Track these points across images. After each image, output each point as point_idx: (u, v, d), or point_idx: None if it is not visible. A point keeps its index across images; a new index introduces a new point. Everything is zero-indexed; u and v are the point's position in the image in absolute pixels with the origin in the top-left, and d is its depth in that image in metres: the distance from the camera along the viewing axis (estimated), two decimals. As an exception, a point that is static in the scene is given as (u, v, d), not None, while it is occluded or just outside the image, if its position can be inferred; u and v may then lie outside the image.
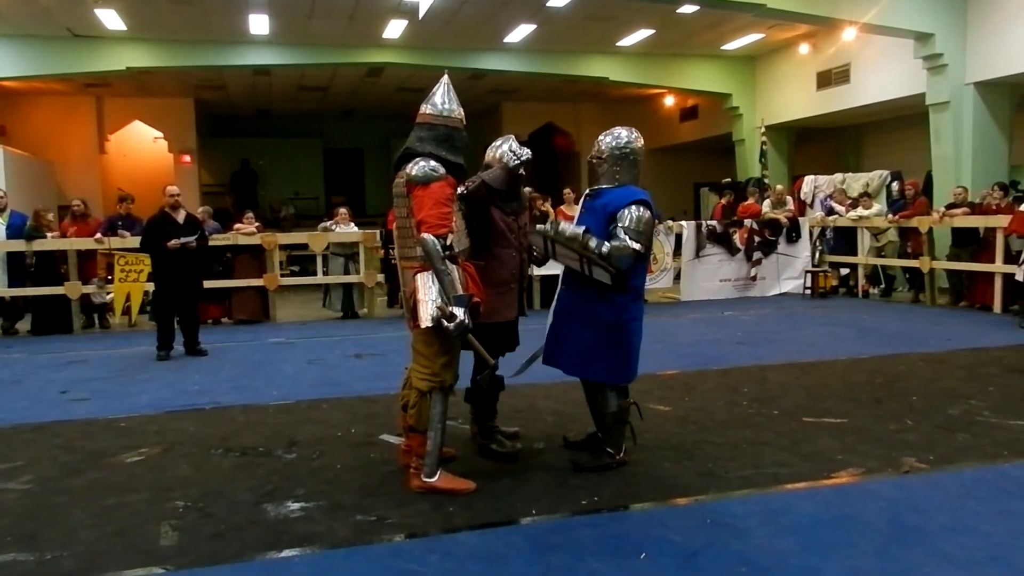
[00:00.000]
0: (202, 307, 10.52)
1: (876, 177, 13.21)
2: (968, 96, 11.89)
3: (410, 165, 3.84)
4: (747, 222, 12.52)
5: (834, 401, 5.61)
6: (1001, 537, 3.27)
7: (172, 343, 7.96)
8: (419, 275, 3.83)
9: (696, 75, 16.67)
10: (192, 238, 7.92)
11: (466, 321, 3.70)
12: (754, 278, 12.45)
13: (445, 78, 4.12)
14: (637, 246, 4.01)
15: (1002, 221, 9.86)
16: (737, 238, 12.37)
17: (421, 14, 12.21)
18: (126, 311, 10.24)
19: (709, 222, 12.82)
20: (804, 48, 15.14)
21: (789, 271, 12.64)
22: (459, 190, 4.11)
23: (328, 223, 11.33)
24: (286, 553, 3.27)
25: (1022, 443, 4.55)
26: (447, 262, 3.73)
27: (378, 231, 11.11)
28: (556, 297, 4.40)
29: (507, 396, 4.79)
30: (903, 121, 14.90)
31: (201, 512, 3.74)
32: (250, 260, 10.65)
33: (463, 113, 4.08)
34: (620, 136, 4.30)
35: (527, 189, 5.30)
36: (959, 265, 10.71)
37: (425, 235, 3.69)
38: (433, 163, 3.82)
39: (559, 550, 3.25)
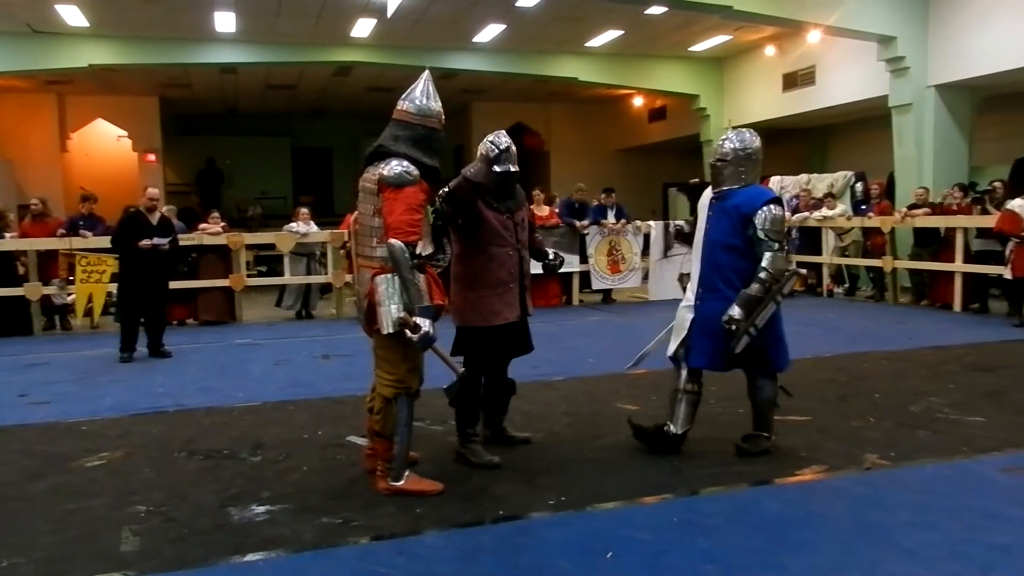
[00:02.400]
0: (167, 308, 10.40)
1: (840, 178, 13.41)
2: (929, 98, 12.10)
3: (383, 164, 3.74)
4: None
5: (799, 399, 5.63)
6: (960, 532, 3.33)
7: (135, 345, 7.84)
8: (378, 277, 3.74)
9: (664, 76, 16.80)
10: (165, 240, 7.86)
11: (431, 333, 3.64)
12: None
13: (426, 74, 4.03)
14: (776, 247, 4.20)
15: (962, 221, 10.05)
16: (705, 238, 12.44)
17: (389, 13, 12.16)
18: (88, 312, 10.06)
19: (677, 222, 12.90)
20: (770, 50, 15.31)
21: (756, 270, 12.73)
22: (442, 191, 4.08)
23: (291, 224, 11.24)
24: (250, 557, 3.23)
25: (981, 439, 4.64)
26: (415, 272, 3.67)
27: (345, 231, 11.03)
28: (695, 302, 4.40)
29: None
30: (867, 123, 15.13)
31: (164, 516, 3.68)
32: (216, 260, 10.53)
33: (443, 112, 3.98)
34: (744, 138, 4.43)
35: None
36: (921, 264, 10.90)
37: (394, 241, 3.61)
38: (408, 165, 3.72)
39: (527, 550, 3.25)
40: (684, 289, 4.61)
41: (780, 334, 4.41)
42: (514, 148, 4.34)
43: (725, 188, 4.38)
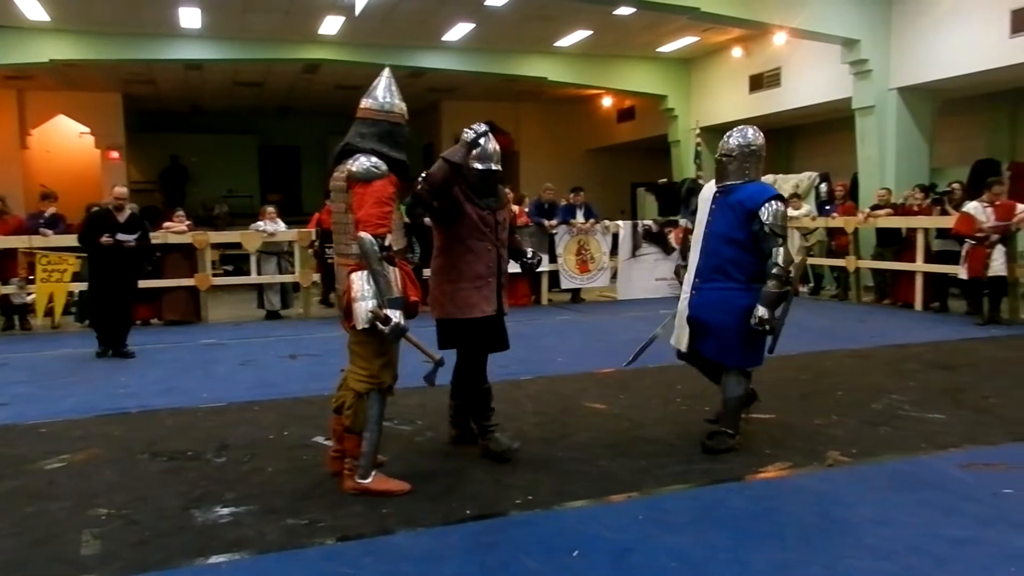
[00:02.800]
0: (132, 308, 10.24)
1: (806, 179, 13.59)
2: (892, 101, 12.31)
3: (351, 161, 3.76)
4: (682, 222, 12.72)
5: (764, 397, 5.70)
6: (920, 527, 3.40)
7: (106, 341, 7.83)
8: (354, 274, 3.77)
9: (633, 76, 16.90)
10: (131, 237, 7.84)
11: (401, 324, 3.66)
12: (689, 277, 12.64)
13: (386, 72, 4.05)
14: (781, 241, 4.36)
15: (923, 222, 10.24)
16: (672, 238, 12.56)
17: (358, 10, 12.09)
18: (49, 312, 9.87)
19: (645, 222, 12.99)
20: (737, 52, 15.47)
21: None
22: (421, 175, 4.08)
23: (258, 223, 11.13)
24: (214, 559, 3.19)
25: (940, 436, 4.73)
26: (384, 263, 3.68)
27: (313, 230, 10.94)
28: (691, 292, 4.55)
29: (435, 395, 4.78)
30: (831, 124, 15.35)
31: (125, 519, 3.62)
32: (181, 259, 10.38)
33: (405, 108, 4.00)
34: (748, 135, 4.58)
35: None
36: (883, 264, 11.10)
37: (363, 234, 3.63)
38: (375, 160, 3.74)
39: (494, 549, 3.26)
40: (681, 281, 4.77)
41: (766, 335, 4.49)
42: (496, 145, 4.34)
43: (729, 183, 4.51)
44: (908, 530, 3.37)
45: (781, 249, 4.34)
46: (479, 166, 4.24)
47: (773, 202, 4.35)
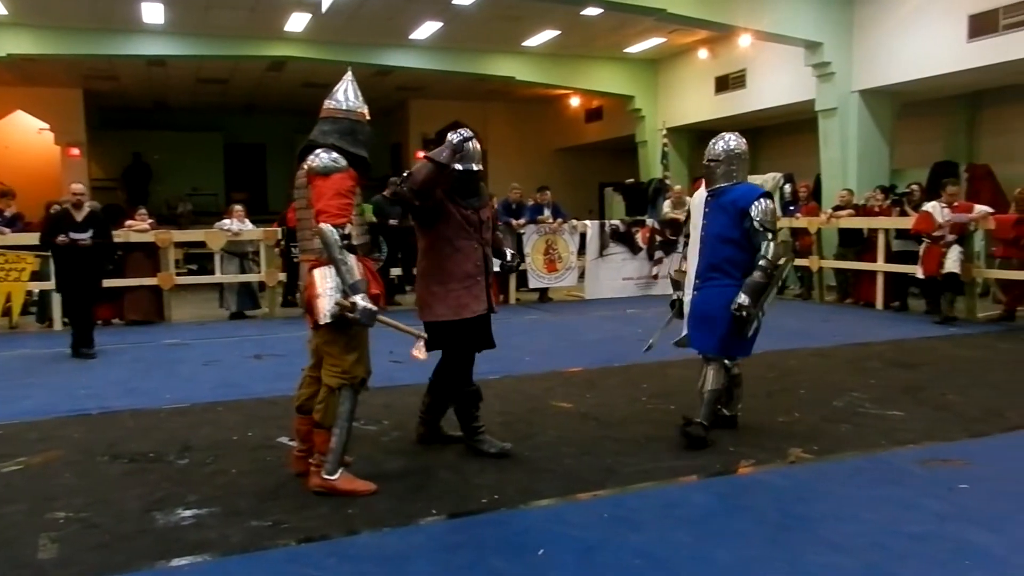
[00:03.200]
0: (94, 308, 10.05)
1: (770, 179, 13.64)
2: (854, 103, 12.51)
3: (311, 156, 3.81)
4: (649, 221, 12.81)
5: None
6: (879, 523, 3.46)
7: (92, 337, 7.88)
8: (316, 270, 3.79)
9: (600, 77, 16.98)
10: (86, 235, 7.75)
11: (369, 306, 3.64)
12: (656, 276, 12.73)
13: (348, 74, 4.12)
14: (771, 236, 4.60)
15: (884, 223, 10.42)
16: (639, 237, 12.63)
17: (324, 8, 12.01)
18: (6, 312, 9.65)
19: (612, 221, 13.06)
20: (703, 53, 15.62)
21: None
22: (402, 175, 4.09)
23: (223, 221, 10.99)
24: (176, 562, 3.15)
25: (899, 432, 4.82)
26: (345, 252, 3.67)
27: (279, 229, 10.83)
28: (693, 292, 4.76)
29: (401, 395, 4.77)
30: (795, 126, 15.56)
31: (84, 523, 3.56)
32: (143, 258, 10.21)
33: (367, 109, 4.06)
34: (731, 141, 4.83)
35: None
36: (845, 264, 11.27)
37: (322, 224, 3.65)
38: (335, 154, 3.79)
39: (460, 549, 3.25)
40: (679, 284, 5.02)
41: (758, 329, 4.73)
42: (477, 146, 4.36)
43: (719, 186, 4.74)
44: (868, 526, 3.43)
45: (771, 244, 4.57)
46: (462, 167, 4.26)
47: (762, 200, 4.59)
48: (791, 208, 12.58)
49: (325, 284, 3.74)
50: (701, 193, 4.88)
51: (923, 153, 13.83)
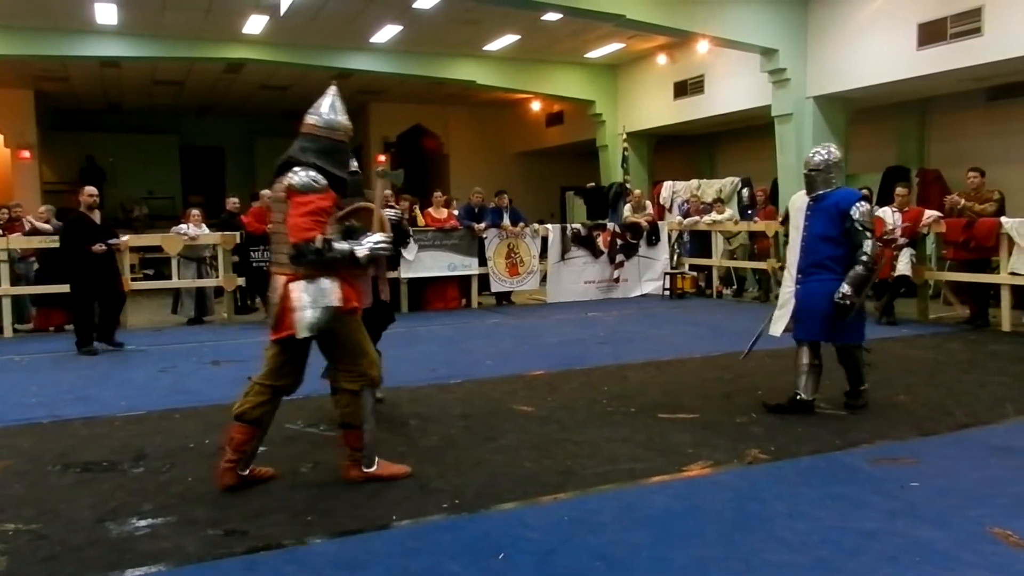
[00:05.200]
0: (45, 313, 9.89)
1: (728, 184, 13.95)
2: (808, 109, 12.74)
3: (291, 173, 3.82)
4: (610, 225, 12.91)
5: (688, 397, 5.87)
6: (832, 520, 3.52)
7: (93, 337, 8.18)
8: (292, 283, 3.82)
9: (561, 81, 17.06)
10: (118, 240, 8.66)
11: (372, 244, 3.89)
12: (617, 280, 12.84)
13: (333, 89, 4.13)
14: (870, 235, 5.11)
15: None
16: (601, 241, 12.72)
17: (283, 10, 11.90)
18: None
19: (574, 225, 13.13)
20: (662, 59, 15.79)
21: (649, 273, 13.12)
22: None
23: (180, 226, 10.82)
24: (129, 573, 3.09)
25: (852, 432, 4.92)
26: (324, 253, 3.73)
27: (237, 233, 10.69)
28: (795, 287, 5.32)
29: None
30: (752, 131, 15.79)
31: (34, 534, 3.48)
32: (97, 263, 10.02)
33: (350, 126, 4.11)
34: (830, 151, 5.33)
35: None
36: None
37: (295, 243, 3.71)
38: (314, 173, 3.81)
39: (418, 554, 3.24)
40: (778, 282, 5.49)
41: (863, 314, 5.37)
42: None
43: (820, 192, 5.26)
44: (821, 523, 3.49)
45: (869, 241, 5.09)
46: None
47: (861, 203, 5.15)
48: (749, 212, 12.78)
49: (302, 299, 3.77)
50: (801, 198, 5.40)
51: (876, 158, 14.13)
